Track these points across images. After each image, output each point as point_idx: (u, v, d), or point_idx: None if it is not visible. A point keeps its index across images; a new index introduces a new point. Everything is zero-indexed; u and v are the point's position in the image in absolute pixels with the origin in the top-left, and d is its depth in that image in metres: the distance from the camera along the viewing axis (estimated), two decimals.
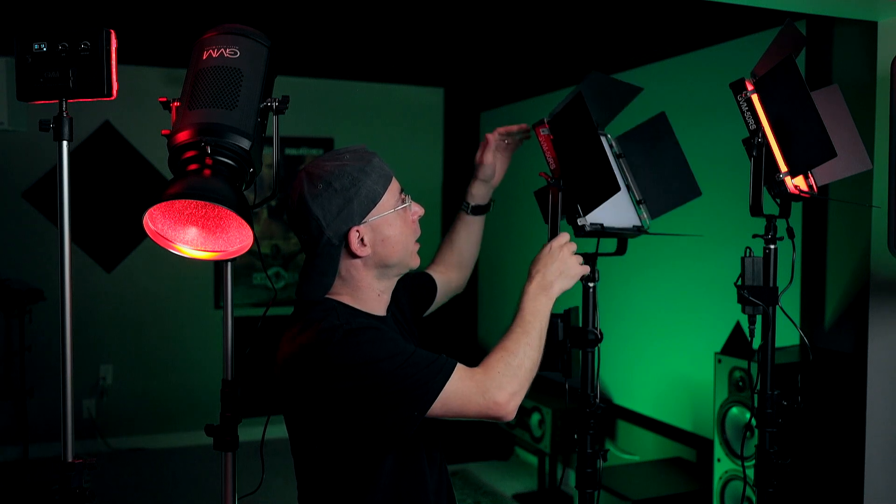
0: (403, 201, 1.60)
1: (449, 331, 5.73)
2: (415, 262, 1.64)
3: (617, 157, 1.79)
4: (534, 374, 1.51)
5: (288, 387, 1.52)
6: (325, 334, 1.46)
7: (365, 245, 1.54)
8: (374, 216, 1.54)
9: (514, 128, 1.90)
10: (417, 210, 1.63)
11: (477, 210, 1.96)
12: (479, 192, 1.95)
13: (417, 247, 1.64)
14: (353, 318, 1.52)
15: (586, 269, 1.68)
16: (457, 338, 5.67)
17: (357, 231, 1.53)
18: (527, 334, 1.53)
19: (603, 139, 1.72)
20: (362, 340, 1.44)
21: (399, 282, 1.70)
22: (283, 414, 1.58)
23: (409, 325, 1.78)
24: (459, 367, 1.46)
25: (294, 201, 1.55)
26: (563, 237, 1.68)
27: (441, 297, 1.95)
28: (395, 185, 1.59)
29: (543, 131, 1.77)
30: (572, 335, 1.79)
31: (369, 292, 1.60)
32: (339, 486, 1.54)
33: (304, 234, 1.56)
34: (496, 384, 1.45)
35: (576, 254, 1.67)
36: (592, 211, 1.68)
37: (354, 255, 1.55)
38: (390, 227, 1.56)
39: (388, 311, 1.67)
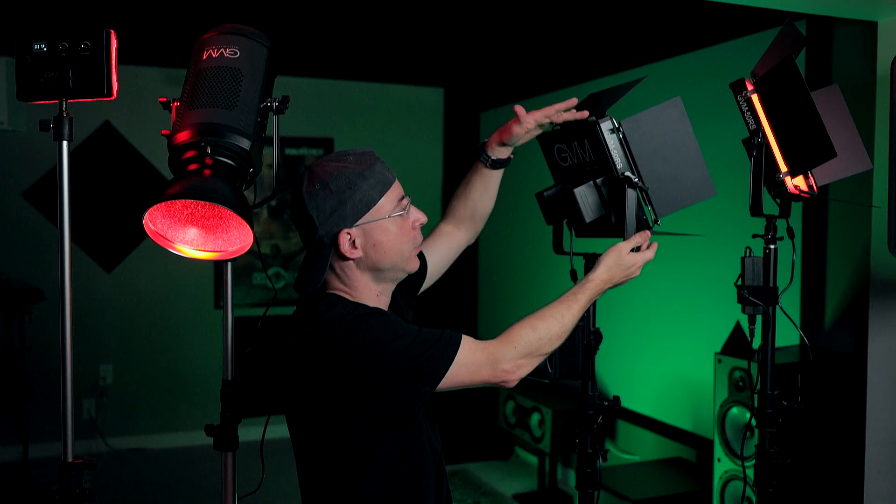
0: (403, 208, 1.59)
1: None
2: (412, 267, 1.63)
3: (621, 142, 1.65)
4: (547, 355, 1.57)
5: (294, 376, 1.53)
6: (331, 323, 1.48)
7: (356, 248, 1.56)
8: (366, 220, 1.55)
9: (572, 116, 1.77)
10: (419, 217, 1.63)
11: (497, 164, 1.88)
12: (501, 149, 1.87)
13: (416, 252, 1.64)
14: (357, 307, 1.54)
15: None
16: None
17: (348, 234, 1.55)
18: (563, 324, 1.57)
19: (607, 122, 1.64)
20: (369, 324, 1.48)
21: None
22: (286, 405, 1.59)
23: (403, 316, 1.78)
24: (466, 340, 1.51)
25: (295, 198, 1.58)
26: (651, 255, 1.67)
27: (448, 257, 1.93)
28: (394, 192, 1.58)
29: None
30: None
31: (366, 292, 1.61)
32: (340, 473, 1.55)
33: (301, 230, 1.59)
34: (509, 356, 1.51)
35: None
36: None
37: (346, 257, 1.57)
38: (384, 233, 1.56)
39: (389, 308, 1.68)
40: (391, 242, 1.57)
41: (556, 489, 4.38)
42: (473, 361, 1.50)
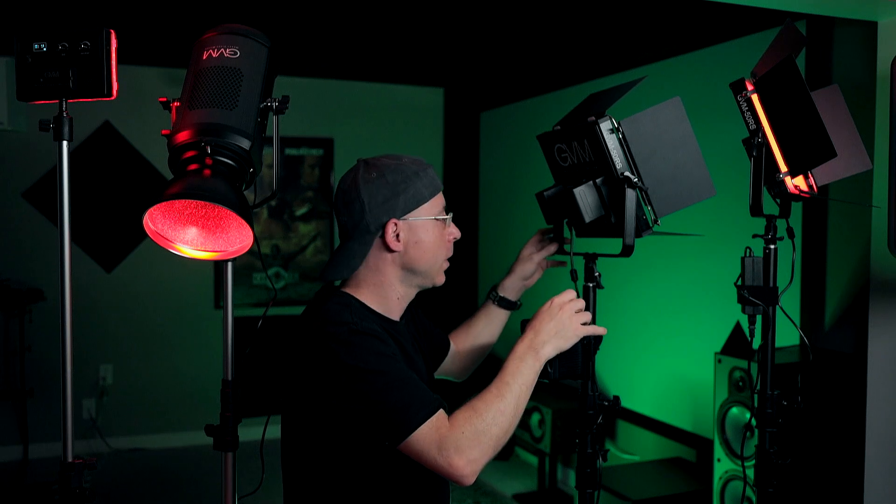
0: (445, 214, 1.65)
1: (449, 331, 5.72)
2: (440, 280, 1.67)
3: (621, 142, 1.63)
4: (503, 441, 1.45)
5: (295, 372, 1.56)
6: (333, 327, 1.50)
7: (399, 241, 1.60)
8: (414, 216, 1.60)
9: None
10: (454, 231, 1.67)
11: (503, 303, 1.94)
12: (512, 286, 1.93)
13: (446, 266, 1.67)
14: (365, 320, 1.55)
15: (590, 330, 1.61)
16: None
17: (395, 224, 1.59)
18: (501, 398, 1.47)
19: (606, 122, 1.64)
20: (361, 344, 1.47)
21: (424, 319, 1.80)
22: (286, 402, 1.60)
23: (421, 342, 1.80)
24: (439, 414, 1.44)
25: (347, 183, 1.62)
26: (568, 294, 1.61)
27: (443, 369, 1.95)
28: (440, 199, 1.65)
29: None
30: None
31: (390, 291, 1.63)
32: (334, 470, 1.56)
33: (346, 216, 1.62)
34: (455, 445, 1.40)
35: (582, 310, 1.62)
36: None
37: (386, 249, 1.60)
38: (427, 233, 1.61)
39: (402, 318, 1.70)
40: (430, 244, 1.61)
41: (556, 489, 4.38)
42: (426, 440, 1.41)
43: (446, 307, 5.77)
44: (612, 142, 1.63)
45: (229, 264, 1.68)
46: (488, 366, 1.77)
